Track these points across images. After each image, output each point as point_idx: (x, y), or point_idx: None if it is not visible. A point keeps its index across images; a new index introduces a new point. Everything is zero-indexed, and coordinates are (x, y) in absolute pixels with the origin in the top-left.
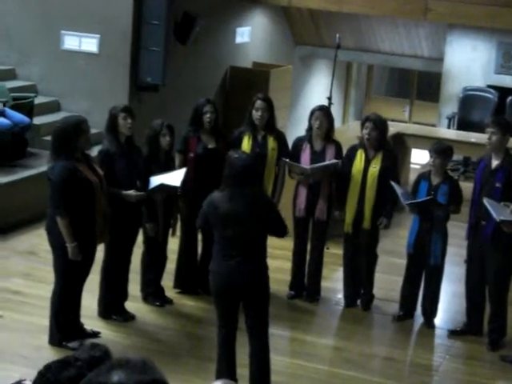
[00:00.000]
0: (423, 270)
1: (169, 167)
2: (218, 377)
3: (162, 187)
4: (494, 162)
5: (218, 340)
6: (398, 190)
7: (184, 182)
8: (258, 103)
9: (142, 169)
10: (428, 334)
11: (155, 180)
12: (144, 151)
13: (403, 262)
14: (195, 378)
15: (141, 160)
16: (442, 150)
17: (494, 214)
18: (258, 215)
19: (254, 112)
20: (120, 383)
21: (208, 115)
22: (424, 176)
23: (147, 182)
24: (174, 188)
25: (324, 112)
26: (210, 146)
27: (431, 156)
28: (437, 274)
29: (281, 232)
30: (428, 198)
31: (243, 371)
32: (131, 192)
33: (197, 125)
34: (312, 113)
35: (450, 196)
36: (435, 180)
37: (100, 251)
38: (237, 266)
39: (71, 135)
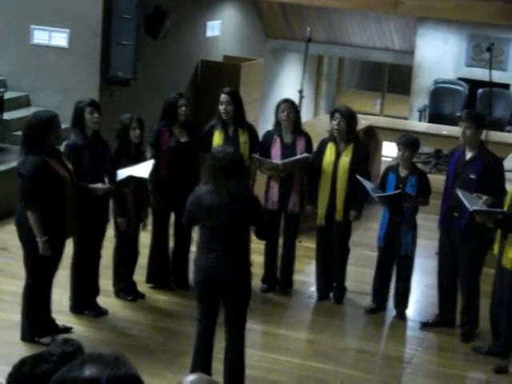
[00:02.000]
0: (394, 262)
1: (139, 161)
2: (193, 370)
3: (131, 179)
4: (469, 154)
5: (196, 333)
6: (366, 184)
7: (156, 175)
8: (222, 97)
9: (109, 162)
10: (400, 326)
11: (123, 173)
12: (114, 145)
13: (375, 254)
14: (168, 373)
15: (108, 153)
16: (410, 142)
17: (467, 205)
18: (242, 209)
19: (219, 106)
20: (92, 378)
21: (183, 108)
22: (392, 168)
23: (115, 175)
24: (142, 180)
25: (289, 104)
26: (183, 140)
27: (399, 149)
28: (407, 265)
29: (262, 231)
30: (397, 191)
31: (218, 365)
32: (98, 185)
33: (169, 119)
34: (278, 106)
35: (418, 188)
36: (403, 172)
37: (69, 246)
38: (217, 259)
39: (42, 131)
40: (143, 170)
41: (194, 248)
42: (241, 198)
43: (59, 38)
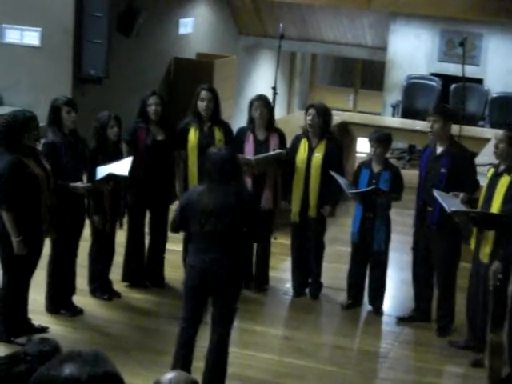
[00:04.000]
0: (368, 258)
1: (117, 158)
2: (174, 367)
3: (111, 177)
4: (439, 149)
5: (179, 330)
6: (340, 180)
7: (132, 173)
8: (203, 94)
9: (87, 160)
10: (377, 322)
11: (102, 170)
12: (91, 143)
13: (350, 250)
14: (145, 371)
15: (86, 152)
16: (383, 138)
17: (445, 206)
18: (238, 211)
19: (199, 103)
20: (72, 376)
21: (153, 107)
22: (365, 164)
23: (94, 173)
24: (122, 177)
25: (263, 101)
26: (159, 138)
27: (372, 145)
28: (381, 260)
29: (256, 236)
30: (371, 187)
31: (199, 364)
32: (78, 184)
33: (144, 117)
34: (251, 103)
35: (391, 183)
36: (376, 168)
37: (46, 246)
38: (210, 261)
39: (19, 131)
40: (122, 167)
41: (169, 246)
42: (236, 199)
43: (31, 37)
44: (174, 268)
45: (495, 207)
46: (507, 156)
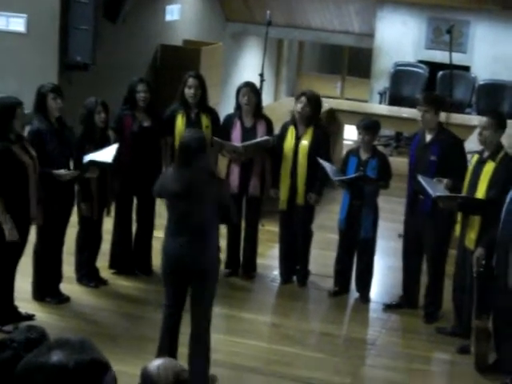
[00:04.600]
0: (356, 245)
1: (104, 145)
2: (159, 354)
3: (94, 163)
4: (428, 136)
5: (162, 317)
6: (327, 166)
7: (119, 160)
8: (191, 81)
9: (74, 148)
10: (364, 309)
11: (87, 158)
12: (79, 130)
13: (337, 237)
14: (133, 359)
15: (73, 139)
16: (370, 125)
17: (430, 191)
18: (205, 193)
19: (186, 90)
20: (60, 363)
21: (142, 94)
22: (353, 152)
23: (81, 160)
24: (106, 164)
25: (250, 88)
26: (146, 125)
27: (360, 133)
28: (368, 248)
29: (228, 216)
30: (357, 174)
31: (184, 350)
32: (62, 171)
33: (131, 103)
34: (238, 90)
35: (379, 171)
36: (364, 155)
37: (32, 233)
38: (185, 244)
39: (5, 118)
40: (107, 154)
41: (156, 234)
42: (202, 182)
43: (17, 23)
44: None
45: (480, 193)
46: (491, 142)
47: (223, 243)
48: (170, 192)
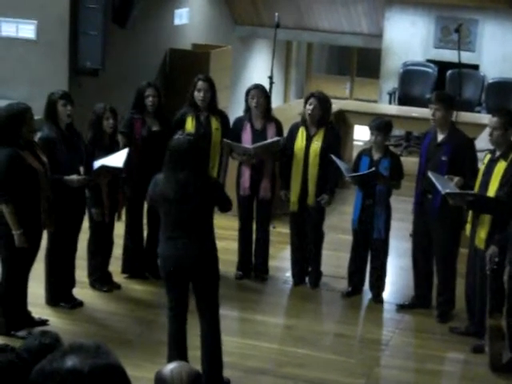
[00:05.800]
0: (369, 245)
1: (113, 150)
2: (169, 358)
3: (104, 169)
4: (440, 136)
5: (167, 321)
6: (340, 164)
7: (129, 165)
8: (200, 84)
9: (83, 154)
10: (377, 309)
11: (98, 163)
12: (88, 136)
13: (349, 238)
14: (147, 363)
15: (82, 145)
16: (383, 126)
17: (439, 187)
18: (195, 197)
19: (196, 93)
20: (74, 368)
21: (150, 99)
22: (365, 152)
23: (91, 166)
24: (116, 169)
25: (260, 90)
26: (155, 129)
27: (372, 133)
28: (382, 248)
29: (225, 207)
30: (370, 170)
31: (196, 353)
32: (73, 177)
33: (140, 108)
34: (248, 92)
35: (391, 171)
36: (376, 155)
37: (44, 238)
38: (181, 246)
39: (15, 123)
40: (117, 159)
41: None
42: (193, 186)
43: (27, 30)
44: None
45: (491, 192)
46: (502, 142)
47: (234, 245)
48: (163, 197)
